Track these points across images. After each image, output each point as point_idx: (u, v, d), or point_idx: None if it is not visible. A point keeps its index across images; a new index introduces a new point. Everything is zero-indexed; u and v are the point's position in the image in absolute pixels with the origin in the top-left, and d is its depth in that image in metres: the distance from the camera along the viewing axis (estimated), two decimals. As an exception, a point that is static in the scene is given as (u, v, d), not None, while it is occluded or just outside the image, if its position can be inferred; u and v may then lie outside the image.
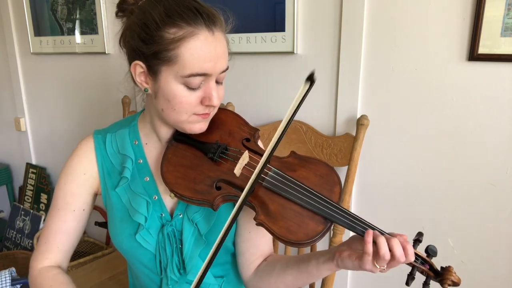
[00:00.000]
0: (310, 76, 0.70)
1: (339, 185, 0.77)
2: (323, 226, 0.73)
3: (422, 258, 0.73)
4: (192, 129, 0.80)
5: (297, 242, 0.72)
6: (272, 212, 0.74)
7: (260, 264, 0.89)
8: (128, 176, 0.87)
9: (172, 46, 0.72)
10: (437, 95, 1.15)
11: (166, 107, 0.77)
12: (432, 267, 0.73)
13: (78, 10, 1.89)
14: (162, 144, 0.88)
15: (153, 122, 0.86)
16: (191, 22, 0.72)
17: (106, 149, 0.90)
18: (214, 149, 0.80)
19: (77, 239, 0.92)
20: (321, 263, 0.77)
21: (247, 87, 1.49)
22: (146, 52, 0.74)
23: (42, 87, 2.22)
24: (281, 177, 0.76)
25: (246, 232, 0.88)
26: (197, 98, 0.76)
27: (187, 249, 0.86)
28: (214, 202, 0.76)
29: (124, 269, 1.61)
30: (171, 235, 0.86)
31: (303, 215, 0.73)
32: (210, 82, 0.76)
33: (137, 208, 0.85)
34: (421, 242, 0.74)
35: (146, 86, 0.79)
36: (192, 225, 0.85)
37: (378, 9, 1.19)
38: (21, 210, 2.25)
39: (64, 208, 0.89)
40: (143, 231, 0.85)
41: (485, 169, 1.12)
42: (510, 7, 1.00)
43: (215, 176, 0.79)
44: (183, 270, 0.87)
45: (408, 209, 1.27)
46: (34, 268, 0.89)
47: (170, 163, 0.81)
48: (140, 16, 0.75)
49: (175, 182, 0.79)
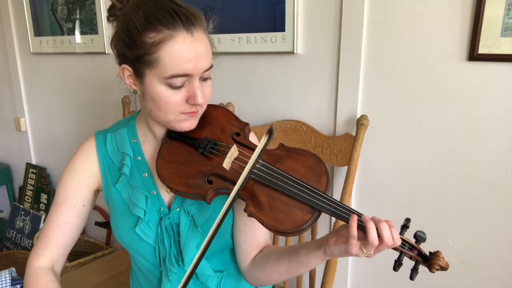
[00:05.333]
0: (270, 130, 0.74)
1: (326, 175, 0.79)
2: (310, 215, 0.75)
3: (410, 244, 0.75)
4: (181, 127, 0.83)
5: (285, 231, 0.75)
6: (261, 203, 0.77)
7: (257, 255, 0.92)
8: (127, 173, 0.90)
9: (152, 50, 0.75)
10: (437, 95, 1.15)
11: (154, 108, 0.81)
12: (420, 253, 0.75)
13: (78, 10, 1.89)
14: (158, 141, 0.92)
15: (147, 121, 0.90)
16: (169, 26, 0.74)
17: (107, 147, 0.93)
18: (204, 144, 0.84)
19: (76, 235, 0.94)
20: (310, 251, 0.80)
21: (247, 87, 1.49)
22: (130, 57, 0.78)
23: (42, 87, 2.22)
24: (269, 170, 0.79)
25: (242, 224, 0.92)
26: (182, 98, 0.79)
27: (184, 240, 0.89)
28: (207, 195, 0.79)
29: (124, 269, 1.61)
30: (169, 227, 0.89)
31: (291, 205, 0.76)
32: (194, 81, 0.78)
33: (137, 203, 0.89)
34: (408, 228, 0.76)
35: (134, 87, 0.83)
36: (188, 217, 0.89)
37: (378, 9, 1.19)
38: (21, 210, 2.25)
39: (64, 203, 0.92)
40: (142, 224, 0.88)
41: (485, 169, 1.12)
42: (510, 7, 1.00)
43: (206, 170, 0.82)
44: (182, 262, 0.90)
45: (408, 209, 1.27)
46: (30, 265, 0.91)
47: (164, 159, 0.85)
48: (124, 22, 0.79)
49: (169, 177, 0.83)
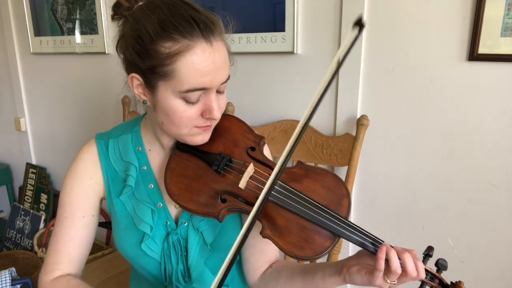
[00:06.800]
0: (359, 21, 0.60)
1: (347, 198, 0.75)
2: (331, 242, 0.71)
3: (432, 273, 0.72)
4: (194, 141, 0.78)
5: (303, 258, 0.71)
6: (278, 227, 0.72)
7: (266, 270, 0.88)
8: (132, 185, 0.84)
9: (168, 61, 0.68)
10: (437, 95, 1.15)
11: (166, 121, 0.75)
12: (441, 282, 0.72)
13: (78, 10, 1.88)
14: (166, 151, 0.86)
15: (155, 131, 0.85)
16: (187, 35, 0.67)
17: (109, 155, 0.87)
18: (218, 161, 0.77)
19: (88, 248, 0.88)
20: (327, 276, 0.75)
21: (247, 87, 1.49)
22: (141, 66, 0.71)
23: (42, 87, 2.22)
24: (286, 191, 0.74)
25: (251, 238, 0.87)
26: (197, 112, 0.73)
27: (192, 257, 0.84)
28: (220, 214, 0.74)
29: (124, 269, 1.61)
30: (176, 243, 0.84)
31: (310, 230, 0.71)
32: (210, 95, 0.73)
33: (142, 217, 0.83)
34: (431, 257, 0.72)
35: (144, 98, 0.76)
36: (198, 233, 0.84)
37: (378, 9, 1.18)
38: (21, 210, 2.25)
39: (72, 215, 0.85)
40: (148, 240, 0.83)
41: (485, 169, 1.12)
42: (510, 7, 1.00)
43: (220, 188, 0.77)
44: (188, 278, 0.86)
45: (408, 209, 1.26)
46: (45, 282, 0.84)
47: (173, 174, 0.79)
48: (134, 27, 0.71)
49: (178, 193, 0.77)
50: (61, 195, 0.87)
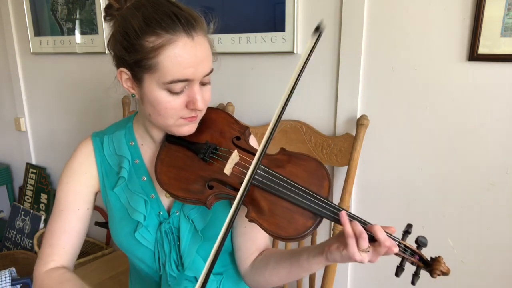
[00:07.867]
0: (317, 27, 0.67)
1: (328, 180, 0.78)
2: (312, 222, 0.75)
3: (412, 249, 0.74)
4: (180, 131, 0.82)
5: (287, 238, 0.74)
6: (263, 209, 0.76)
7: (256, 258, 0.91)
8: (125, 176, 0.89)
9: (152, 55, 0.73)
10: (437, 95, 1.15)
11: (152, 112, 0.79)
12: (421, 258, 0.74)
13: (78, 10, 1.89)
14: (156, 144, 0.90)
15: (145, 125, 0.89)
16: (169, 30, 0.72)
17: (104, 150, 0.92)
18: (204, 149, 0.82)
19: (81, 240, 0.92)
20: (312, 257, 0.79)
21: (247, 87, 1.49)
22: (128, 60, 0.76)
23: (42, 87, 2.22)
24: (269, 175, 0.78)
25: (242, 227, 0.91)
26: (181, 103, 0.77)
27: (185, 245, 0.88)
28: (207, 201, 0.78)
29: (124, 269, 1.61)
30: (168, 232, 0.88)
31: (293, 211, 0.75)
32: (194, 86, 0.77)
33: (136, 207, 0.87)
34: (410, 233, 0.75)
35: (132, 91, 0.82)
36: (189, 221, 0.88)
37: (378, 9, 1.19)
38: (21, 210, 2.25)
39: (67, 208, 0.89)
40: (141, 229, 0.87)
41: (485, 169, 1.12)
42: (510, 7, 1.00)
43: (207, 175, 0.81)
44: (181, 267, 0.89)
45: (408, 209, 1.26)
46: (39, 272, 0.87)
47: (163, 164, 0.84)
48: (122, 24, 0.77)
49: (168, 182, 0.81)
50: (57, 189, 0.92)
